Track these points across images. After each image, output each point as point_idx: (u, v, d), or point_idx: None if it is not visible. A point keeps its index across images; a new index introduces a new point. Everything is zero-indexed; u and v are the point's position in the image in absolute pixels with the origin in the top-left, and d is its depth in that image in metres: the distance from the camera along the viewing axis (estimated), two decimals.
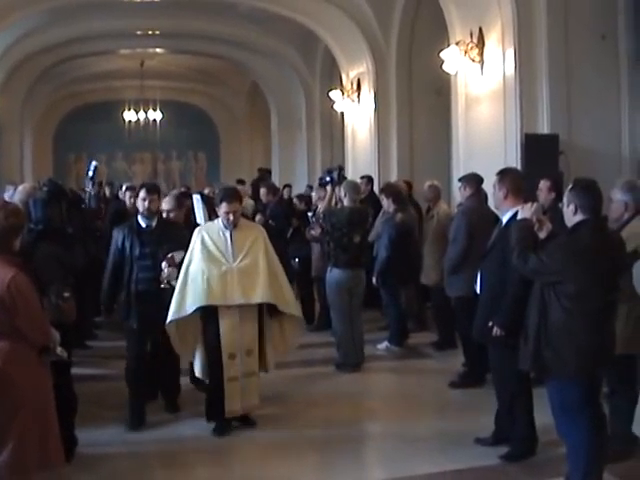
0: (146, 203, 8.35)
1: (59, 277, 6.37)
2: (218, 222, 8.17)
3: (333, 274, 10.56)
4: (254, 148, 33.05)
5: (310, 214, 13.03)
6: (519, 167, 11.01)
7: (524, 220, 6.21)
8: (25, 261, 5.65)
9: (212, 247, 7.98)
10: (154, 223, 8.44)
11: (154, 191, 8.53)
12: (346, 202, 10.76)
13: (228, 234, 8.04)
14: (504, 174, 7.40)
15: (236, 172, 28.65)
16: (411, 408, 8.99)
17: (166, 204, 9.34)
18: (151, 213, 8.40)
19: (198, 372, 8.34)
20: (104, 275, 8.59)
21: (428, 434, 8.09)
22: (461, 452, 7.38)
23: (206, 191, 16.48)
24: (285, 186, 18.71)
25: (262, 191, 15.04)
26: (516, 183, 7.29)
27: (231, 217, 7.98)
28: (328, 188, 11.53)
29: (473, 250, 9.40)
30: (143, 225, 8.43)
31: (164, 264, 8.06)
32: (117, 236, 8.46)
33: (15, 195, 9.95)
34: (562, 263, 5.73)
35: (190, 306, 7.86)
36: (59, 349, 5.77)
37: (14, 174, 23.75)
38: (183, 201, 10.23)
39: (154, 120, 32.37)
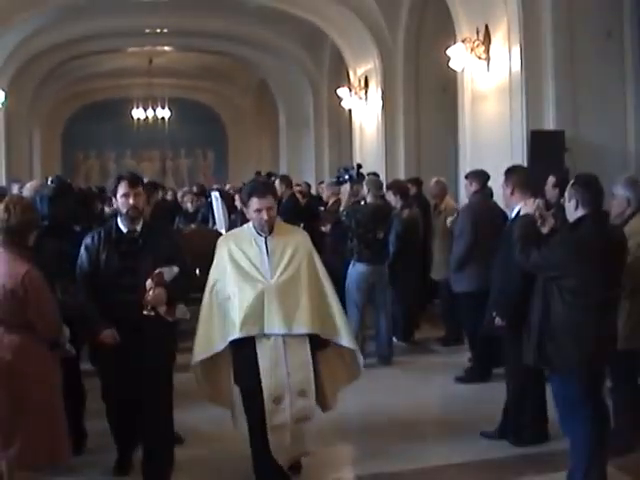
0: (130, 200, 6.39)
1: (64, 273, 6.42)
2: (248, 228, 6.47)
3: (356, 268, 10.60)
4: (262, 146, 33.10)
5: (322, 209, 13.07)
6: (525, 164, 11.08)
7: (526, 216, 6.29)
8: (33, 256, 5.73)
9: (243, 260, 6.25)
10: (139, 227, 6.53)
11: (137, 183, 6.57)
12: (369, 199, 10.84)
13: (262, 242, 6.30)
14: (509, 172, 7.57)
15: (244, 170, 28.72)
16: (417, 402, 9.04)
17: None
18: (137, 213, 6.47)
19: (239, 426, 6.54)
20: (77, 300, 6.44)
21: (434, 428, 8.18)
22: (466, 445, 7.45)
23: (227, 187, 16.60)
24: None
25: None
26: (521, 179, 7.44)
27: (265, 215, 6.19)
28: (347, 185, 11.64)
29: (478, 246, 9.50)
30: (124, 230, 6.50)
31: (149, 283, 6.14)
32: (89, 245, 6.50)
33: (24, 192, 9.98)
34: (563, 258, 5.80)
35: (220, 340, 6.26)
36: (68, 345, 5.85)
37: (23, 172, 23.89)
38: (153, 193, 9.12)
39: (162, 118, 32.45)
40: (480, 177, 10.01)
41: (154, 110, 31.94)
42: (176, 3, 20.14)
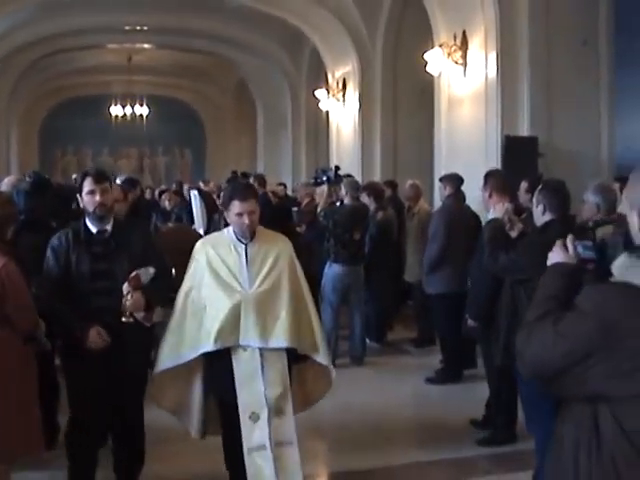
0: (97, 197, 5.87)
1: (40, 268, 6.24)
2: (228, 232, 6.01)
3: (332, 269, 10.69)
4: (240, 145, 33.07)
5: (295, 209, 13.12)
6: (499, 168, 11.21)
7: (495, 220, 6.44)
8: (11, 250, 5.78)
9: (221, 267, 5.83)
10: (109, 227, 6.01)
11: (104, 179, 6.02)
12: (346, 200, 10.95)
13: (242, 249, 5.86)
14: (487, 175, 7.82)
15: (221, 169, 28.72)
16: (388, 402, 9.14)
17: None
18: (105, 211, 5.94)
19: (194, 432, 6.20)
20: (50, 306, 5.94)
21: (404, 427, 8.29)
22: (436, 444, 7.62)
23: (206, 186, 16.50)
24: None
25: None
26: (498, 182, 7.67)
27: (246, 220, 5.74)
28: (324, 187, 11.74)
29: (451, 249, 9.64)
30: (94, 230, 5.98)
31: (125, 287, 5.67)
32: (57, 246, 5.97)
33: (1, 187, 10.00)
34: (531, 261, 5.90)
35: (190, 349, 5.80)
36: (44, 339, 5.89)
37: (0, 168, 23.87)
38: (132, 189, 9.01)
39: (141, 115, 32.37)
40: (454, 181, 10.13)
41: (132, 107, 31.87)
42: (156, 1, 20.14)
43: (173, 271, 6.83)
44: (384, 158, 17.14)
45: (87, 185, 5.91)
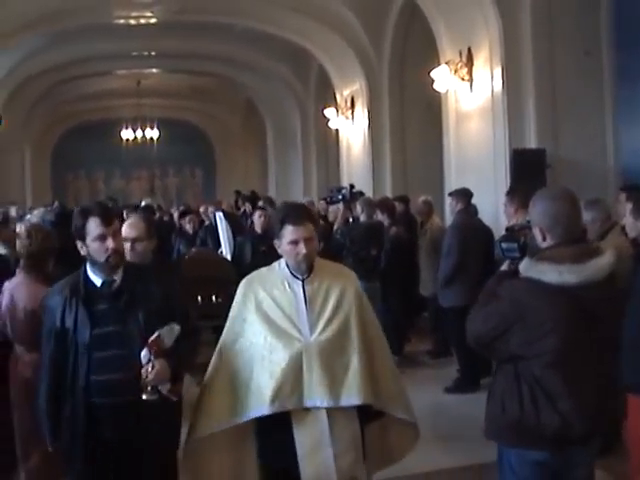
0: (109, 243, 4.63)
1: None
2: (279, 267, 4.94)
3: None
4: (249, 164, 33.35)
5: None
6: (508, 181, 11.41)
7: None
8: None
9: (274, 311, 4.78)
10: (118, 277, 4.73)
11: (113, 217, 4.77)
12: (362, 217, 11.16)
13: (299, 286, 4.83)
14: (512, 192, 8.13)
15: (232, 188, 28.95)
16: None
17: (131, 229, 5.94)
18: (120, 258, 4.74)
19: None
20: (41, 382, 4.83)
21: (425, 435, 8.42)
22: (455, 451, 7.85)
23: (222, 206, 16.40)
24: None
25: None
26: (523, 199, 7.94)
27: (303, 248, 4.73)
28: (339, 205, 11.95)
29: (465, 263, 9.86)
30: (97, 283, 4.73)
31: (145, 354, 4.43)
32: (53, 307, 4.77)
33: (32, 219, 10.19)
34: None
35: (241, 413, 4.73)
36: None
37: (15, 193, 24.14)
38: (153, 223, 7.34)
39: (151, 138, 32.63)
40: (464, 196, 10.34)
41: (143, 130, 32.16)
42: (164, 27, 20.33)
43: (199, 299, 6.62)
44: (394, 174, 17.34)
45: (94, 229, 4.64)
